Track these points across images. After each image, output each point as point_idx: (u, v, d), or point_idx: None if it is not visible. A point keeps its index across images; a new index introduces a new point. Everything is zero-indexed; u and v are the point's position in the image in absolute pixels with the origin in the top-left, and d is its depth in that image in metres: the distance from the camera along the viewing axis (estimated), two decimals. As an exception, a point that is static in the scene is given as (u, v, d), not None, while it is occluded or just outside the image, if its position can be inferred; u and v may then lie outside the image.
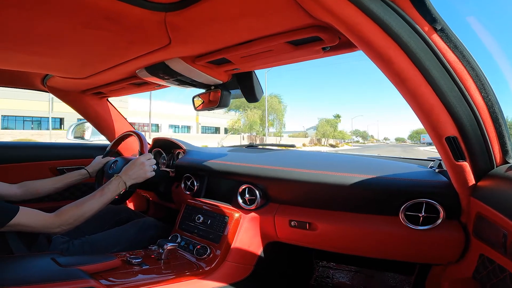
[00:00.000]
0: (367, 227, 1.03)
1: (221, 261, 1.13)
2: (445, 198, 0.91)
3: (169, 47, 0.91)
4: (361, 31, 0.61)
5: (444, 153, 0.76)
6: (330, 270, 1.56)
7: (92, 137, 2.04)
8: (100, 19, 0.76)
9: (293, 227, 1.14)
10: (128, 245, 1.21)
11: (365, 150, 25.19)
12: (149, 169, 1.21)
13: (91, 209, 1.05)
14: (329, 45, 0.82)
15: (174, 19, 0.76)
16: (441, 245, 0.93)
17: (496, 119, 0.72)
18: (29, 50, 0.98)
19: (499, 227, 0.66)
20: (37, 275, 0.79)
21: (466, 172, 0.78)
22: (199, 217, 1.30)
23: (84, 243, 1.15)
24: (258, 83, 1.23)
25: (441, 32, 0.62)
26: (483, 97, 0.69)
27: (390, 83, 0.70)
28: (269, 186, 1.24)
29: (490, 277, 0.74)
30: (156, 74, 1.13)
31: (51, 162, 1.78)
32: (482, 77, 0.67)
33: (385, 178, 1.01)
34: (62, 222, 0.98)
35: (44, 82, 1.56)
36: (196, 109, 1.38)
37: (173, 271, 1.03)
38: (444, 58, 0.64)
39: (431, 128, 0.72)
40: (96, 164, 1.47)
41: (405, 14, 0.60)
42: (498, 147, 0.76)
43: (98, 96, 1.74)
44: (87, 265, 0.89)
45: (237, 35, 0.84)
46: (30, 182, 1.26)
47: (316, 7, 0.62)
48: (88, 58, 1.09)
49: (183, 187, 1.53)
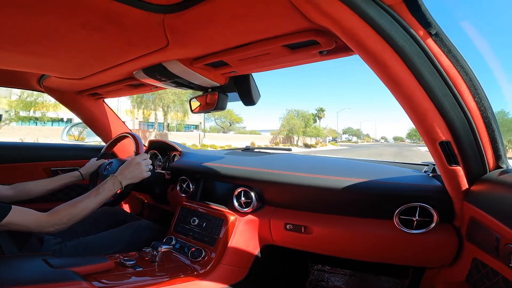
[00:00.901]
0: (362, 230, 1.04)
1: (216, 264, 1.12)
2: (438, 202, 0.91)
3: (167, 49, 0.91)
4: (357, 34, 0.62)
5: (438, 157, 0.77)
6: (325, 273, 1.56)
7: (88, 138, 2.03)
8: (98, 20, 0.76)
9: (289, 230, 1.14)
10: (123, 247, 1.20)
11: (346, 153, 21.30)
12: (145, 169, 1.20)
13: (86, 208, 1.03)
14: (326, 49, 0.83)
15: (172, 21, 0.76)
16: (434, 249, 0.94)
17: (489, 124, 0.73)
18: (26, 50, 0.98)
19: (492, 231, 0.67)
20: (28, 276, 0.78)
21: (459, 177, 0.79)
22: (194, 219, 1.29)
23: (78, 244, 1.13)
24: (255, 86, 1.23)
25: (435, 36, 0.63)
26: (476, 102, 0.70)
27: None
28: (265, 189, 1.24)
29: (483, 281, 0.74)
30: (153, 75, 1.13)
31: (45, 163, 1.76)
32: (476, 82, 0.68)
33: (380, 182, 1.02)
34: (56, 222, 0.97)
35: (40, 82, 1.55)
36: (193, 112, 1.38)
37: (167, 273, 1.03)
38: (438, 63, 0.65)
39: (425, 133, 0.73)
40: (90, 166, 1.46)
41: (400, 19, 0.60)
42: (491, 151, 0.77)
43: (94, 97, 1.73)
44: (80, 266, 0.88)
45: (235, 38, 0.85)
46: (23, 183, 1.24)
47: (313, 10, 0.63)
48: (85, 59, 1.09)
49: (178, 189, 1.52)
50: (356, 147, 42.67)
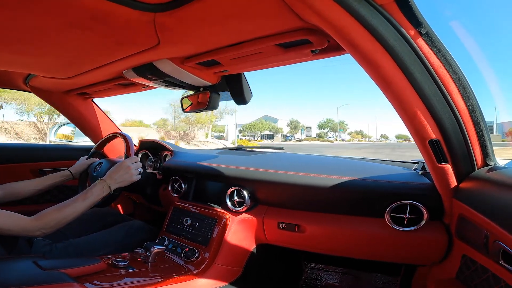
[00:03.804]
0: (354, 229, 1.05)
1: (210, 264, 1.12)
2: (428, 199, 0.93)
3: (158, 48, 0.90)
4: (348, 34, 0.63)
5: (427, 155, 0.78)
6: (318, 271, 1.57)
7: (76, 138, 1.99)
8: (86, 19, 0.74)
9: (282, 229, 1.15)
10: (115, 248, 1.18)
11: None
12: (135, 172, 1.18)
13: (73, 212, 1.02)
14: (318, 48, 0.83)
15: (163, 19, 0.75)
16: (425, 246, 0.95)
17: (477, 123, 0.74)
18: (11, 49, 0.95)
19: (481, 228, 0.69)
20: (17, 278, 0.75)
21: (448, 174, 0.80)
22: (187, 219, 1.28)
23: (68, 246, 1.11)
24: (247, 85, 1.23)
25: (426, 36, 0.64)
26: (464, 101, 0.71)
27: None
28: (258, 189, 1.24)
29: (473, 278, 0.76)
30: (143, 75, 1.11)
31: (33, 163, 1.72)
32: (464, 81, 0.70)
33: (370, 180, 1.03)
34: (43, 226, 0.95)
35: (26, 82, 1.51)
36: (185, 111, 1.37)
37: (161, 274, 1.02)
38: (428, 62, 0.66)
39: (415, 132, 0.74)
40: (79, 166, 1.43)
41: (392, 18, 0.61)
42: (479, 149, 0.78)
43: (82, 97, 1.70)
44: (71, 268, 0.86)
45: (227, 37, 0.84)
46: (11, 184, 1.21)
47: (305, 9, 0.63)
48: (73, 58, 1.07)
49: (170, 189, 1.51)
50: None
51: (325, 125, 73.18)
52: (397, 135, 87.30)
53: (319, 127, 74.77)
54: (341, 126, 73.42)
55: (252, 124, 62.16)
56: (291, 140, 62.03)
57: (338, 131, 71.09)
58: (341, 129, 73.06)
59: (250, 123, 62.65)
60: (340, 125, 73.68)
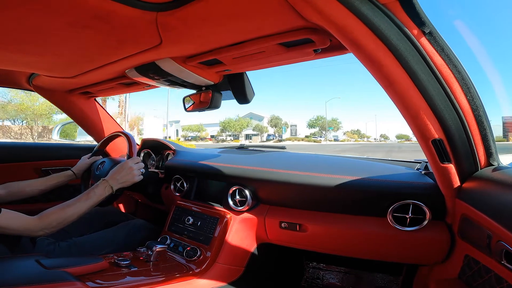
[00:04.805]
0: (356, 228, 1.04)
1: (212, 263, 1.12)
2: (431, 199, 0.92)
3: (160, 47, 0.90)
4: (351, 33, 0.62)
5: (430, 155, 0.78)
6: (320, 271, 1.57)
7: (79, 137, 2.00)
8: (89, 18, 0.74)
9: (284, 228, 1.15)
10: (117, 247, 1.19)
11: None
12: (137, 173, 1.19)
13: (76, 212, 1.03)
14: (320, 47, 0.83)
15: (165, 19, 0.75)
16: (427, 246, 0.95)
17: (480, 122, 0.74)
18: (14, 48, 0.95)
19: (484, 228, 0.68)
20: (20, 277, 0.76)
21: (451, 174, 0.80)
22: (188, 218, 1.28)
23: (71, 245, 1.12)
24: (250, 85, 1.22)
25: (429, 35, 0.63)
26: (468, 100, 0.71)
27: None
28: (259, 188, 1.24)
29: (475, 278, 0.75)
30: (146, 74, 1.11)
31: (36, 162, 1.73)
32: (468, 80, 0.69)
33: (373, 180, 1.02)
34: (45, 225, 0.96)
35: (29, 81, 1.52)
36: (187, 110, 1.37)
37: (163, 273, 1.02)
38: (432, 62, 0.65)
39: (418, 131, 0.74)
40: (82, 165, 1.44)
41: (394, 17, 0.61)
42: (483, 149, 0.78)
43: (85, 96, 1.71)
44: (73, 267, 0.87)
45: (229, 36, 0.84)
46: (15, 183, 1.22)
47: (308, 8, 0.63)
48: (75, 57, 1.07)
49: (172, 188, 1.51)
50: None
51: (316, 123, 60.72)
52: (398, 135, 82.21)
53: (309, 125, 61.70)
54: (332, 124, 61.20)
55: (227, 122, 53.57)
56: (272, 140, 54.22)
57: (327, 129, 59.27)
58: (331, 127, 60.34)
59: (224, 121, 54.41)
60: (332, 123, 61.28)
